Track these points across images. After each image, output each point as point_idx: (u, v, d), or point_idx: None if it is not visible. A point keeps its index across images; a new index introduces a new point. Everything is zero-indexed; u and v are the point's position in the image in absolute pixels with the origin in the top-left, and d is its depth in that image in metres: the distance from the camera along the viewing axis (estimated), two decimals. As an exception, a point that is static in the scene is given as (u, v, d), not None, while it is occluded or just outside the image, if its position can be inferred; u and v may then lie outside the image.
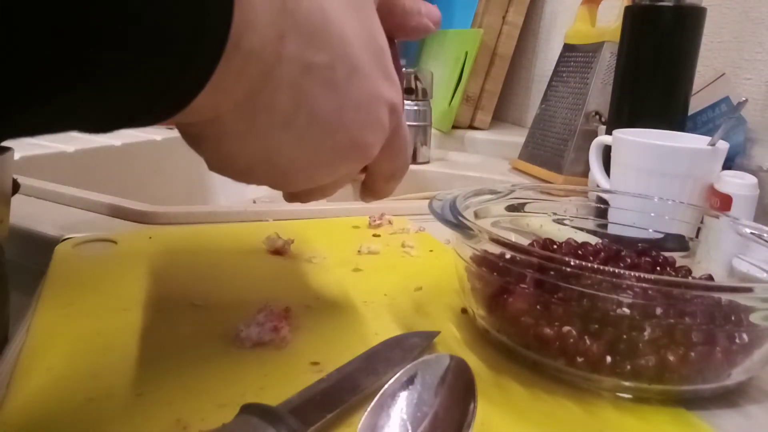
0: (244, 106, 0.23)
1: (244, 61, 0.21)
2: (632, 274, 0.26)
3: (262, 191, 0.80)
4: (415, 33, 0.32)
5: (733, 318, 0.28)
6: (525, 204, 0.42)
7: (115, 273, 0.39)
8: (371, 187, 0.33)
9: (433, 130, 0.99)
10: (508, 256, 0.31)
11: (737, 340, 0.28)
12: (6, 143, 0.39)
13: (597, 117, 0.76)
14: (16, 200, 0.40)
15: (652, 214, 0.42)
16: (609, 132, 0.63)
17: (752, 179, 0.53)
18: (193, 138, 0.26)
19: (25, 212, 0.51)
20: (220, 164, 0.27)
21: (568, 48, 0.86)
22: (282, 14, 0.22)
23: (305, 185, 0.29)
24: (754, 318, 0.28)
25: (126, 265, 0.40)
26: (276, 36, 0.22)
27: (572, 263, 0.27)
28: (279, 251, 0.44)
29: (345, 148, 0.27)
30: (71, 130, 0.20)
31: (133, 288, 0.37)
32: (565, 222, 0.44)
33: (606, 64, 0.77)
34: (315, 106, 0.25)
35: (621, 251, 0.38)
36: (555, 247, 0.38)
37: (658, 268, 0.37)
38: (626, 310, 0.28)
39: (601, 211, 0.44)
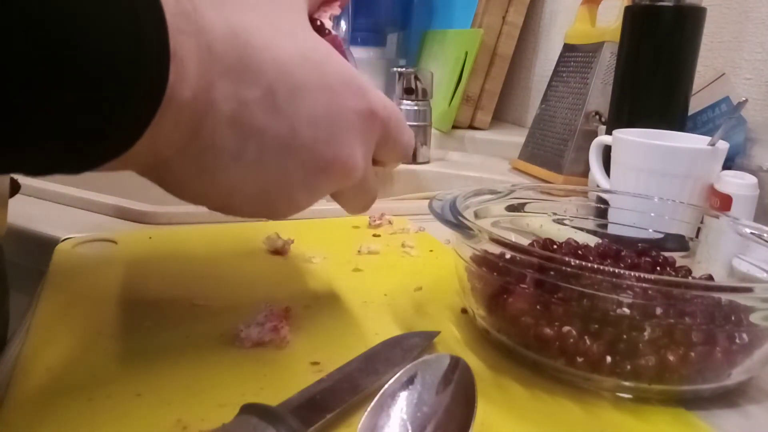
0: (185, 150, 0.23)
1: (178, 112, 0.21)
2: (632, 274, 0.26)
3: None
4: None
5: (733, 318, 0.28)
6: (525, 204, 0.42)
7: (115, 273, 0.39)
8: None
9: (433, 130, 0.99)
10: (508, 256, 0.31)
11: (737, 340, 0.28)
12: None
13: (597, 117, 0.76)
14: (17, 200, 0.40)
15: (652, 214, 0.42)
16: (609, 132, 0.63)
17: (752, 179, 0.53)
18: (157, 181, 0.26)
19: (25, 212, 0.51)
20: (198, 202, 0.27)
21: (568, 48, 0.86)
22: (210, 62, 0.22)
23: (292, 210, 0.28)
24: (754, 318, 0.28)
25: (126, 265, 0.40)
26: (206, 84, 0.22)
27: (572, 263, 0.27)
28: (279, 251, 0.44)
29: (318, 166, 0.26)
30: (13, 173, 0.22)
31: (133, 288, 0.37)
32: (565, 222, 0.44)
33: (606, 64, 0.76)
34: (262, 135, 0.24)
35: (621, 251, 0.38)
36: (555, 247, 0.38)
37: (658, 268, 0.37)
38: (626, 310, 0.28)
39: (601, 211, 0.44)
